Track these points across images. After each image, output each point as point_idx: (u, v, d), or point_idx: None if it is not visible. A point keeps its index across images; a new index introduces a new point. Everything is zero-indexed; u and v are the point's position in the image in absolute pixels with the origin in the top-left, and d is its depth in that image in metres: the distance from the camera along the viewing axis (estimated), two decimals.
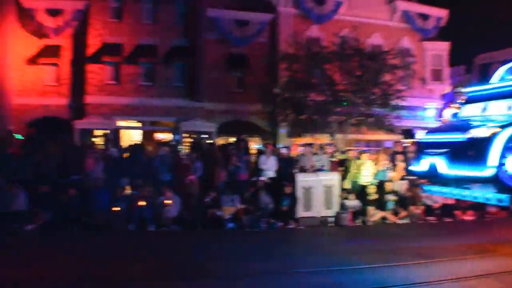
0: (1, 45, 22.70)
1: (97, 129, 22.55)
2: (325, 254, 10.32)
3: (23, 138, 19.43)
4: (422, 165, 10.33)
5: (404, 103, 22.54)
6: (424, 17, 28.43)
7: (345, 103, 22.01)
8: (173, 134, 23.40)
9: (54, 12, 23.54)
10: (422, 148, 10.63)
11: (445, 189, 10.25)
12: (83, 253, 10.63)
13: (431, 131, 11.52)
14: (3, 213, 13.41)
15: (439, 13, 28.62)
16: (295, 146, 21.26)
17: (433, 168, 9.87)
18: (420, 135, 12.31)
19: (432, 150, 10.07)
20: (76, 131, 21.95)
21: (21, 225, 13.02)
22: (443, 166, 9.59)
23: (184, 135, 22.94)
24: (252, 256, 10.10)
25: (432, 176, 10.20)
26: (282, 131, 24.47)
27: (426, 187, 11.17)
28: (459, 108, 11.63)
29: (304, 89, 22.35)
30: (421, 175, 10.93)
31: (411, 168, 11.43)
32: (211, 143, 19.02)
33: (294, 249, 11.36)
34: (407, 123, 25.42)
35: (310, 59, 22.42)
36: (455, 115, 11.60)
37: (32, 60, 23.52)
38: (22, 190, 13.72)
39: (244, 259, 9.74)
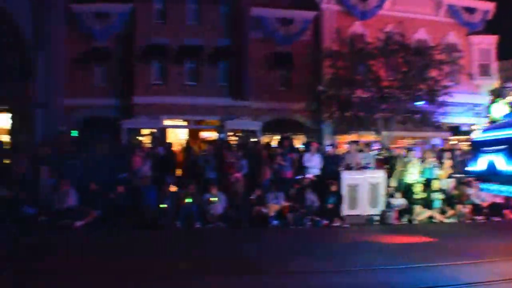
0: (51, 48, 23.31)
1: (144, 128, 22.94)
2: (372, 252, 10.22)
3: (77, 135, 20.01)
4: (480, 164, 10.05)
5: (451, 99, 22.05)
6: (470, 10, 27.72)
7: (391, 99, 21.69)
8: (218, 133, 23.56)
9: (101, 16, 24.07)
10: (479, 147, 10.31)
11: (504, 187, 9.93)
12: (131, 249, 10.89)
13: (488, 129, 11.22)
14: (55, 210, 13.89)
15: (486, 6, 27.84)
16: (340, 144, 21.09)
17: (491, 166, 9.57)
18: (476, 134, 12.00)
19: (489, 148, 9.77)
20: (124, 130, 22.38)
21: (72, 221, 13.41)
22: (502, 163, 9.31)
23: (229, 133, 23.07)
24: (299, 253, 10.04)
25: (491, 174, 9.88)
26: (327, 128, 24.32)
27: (483, 186, 10.84)
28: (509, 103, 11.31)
29: (349, 86, 22.16)
30: (479, 174, 10.60)
31: (468, 168, 11.16)
32: (256, 141, 19.09)
33: (341, 247, 11.21)
34: (454, 120, 24.89)
35: (355, 55, 22.20)
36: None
37: (82, 61, 24.07)
38: (73, 188, 14.15)
39: (291, 256, 9.70)
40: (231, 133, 23.10)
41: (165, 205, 13.67)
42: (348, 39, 23.29)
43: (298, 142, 20.45)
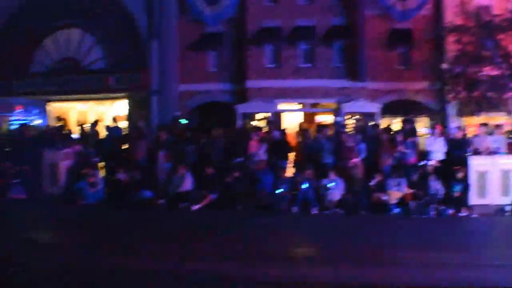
0: (165, 36, 24.25)
1: (258, 112, 23.27)
2: (504, 246, 9.66)
3: (188, 122, 20.76)
4: None
5: None
6: None
7: None
8: (335, 116, 23.34)
9: (212, 1, 24.56)
10: None
11: None
12: (247, 233, 11.10)
13: None
14: (172, 194, 14.51)
15: None
16: (467, 127, 20.09)
17: None
18: None
19: None
20: (238, 115, 22.85)
21: (188, 205, 13.94)
22: None
23: (346, 116, 22.79)
24: (423, 244, 9.73)
25: None
26: (452, 110, 23.27)
27: None
28: None
29: (476, 63, 20.99)
30: None
31: None
32: (374, 124, 18.68)
33: (469, 239, 10.70)
34: None
35: (481, 29, 20.98)
36: None
37: (195, 48, 24.82)
38: (189, 173, 14.68)
39: (415, 247, 9.42)
40: (348, 116, 22.81)
41: (281, 190, 13.77)
42: (473, 12, 22.02)
43: (421, 125, 19.77)
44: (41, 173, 16.93)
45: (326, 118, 24.11)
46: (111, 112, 27.54)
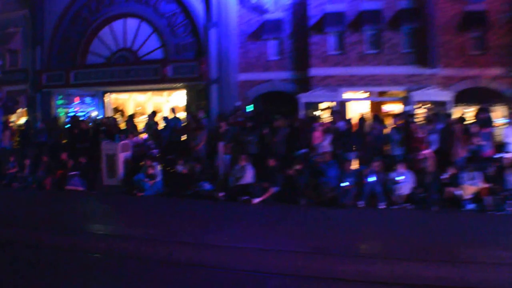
0: (223, 24, 24.52)
1: (322, 101, 23.22)
2: None
3: (248, 112, 20.96)
4: None
5: None
6: None
7: None
8: (404, 105, 22.99)
9: None
10: None
11: None
12: (311, 227, 11.19)
13: None
14: (232, 186, 14.74)
15: None
16: None
17: None
18: None
19: None
20: (301, 104, 22.87)
21: (249, 198, 14.12)
22: None
23: (415, 105, 22.41)
24: (500, 242, 9.57)
25: None
26: None
27: None
28: None
29: None
30: None
31: None
32: (447, 113, 18.32)
33: None
34: None
35: None
36: None
37: (254, 36, 25.01)
38: (250, 164, 14.87)
39: (490, 245, 9.29)
40: (418, 105, 22.43)
41: (347, 184, 13.75)
42: None
43: (497, 115, 19.25)
44: (99, 165, 17.55)
45: (394, 108, 23.80)
46: (169, 102, 28.14)
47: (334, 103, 22.74)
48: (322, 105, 22.95)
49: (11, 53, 29.88)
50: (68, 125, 22.44)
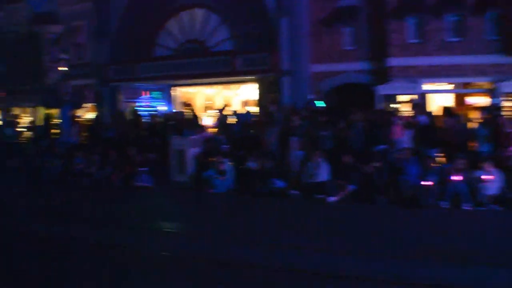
0: (295, 13, 24.51)
1: (401, 94, 22.84)
2: None
3: (323, 105, 20.91)
4: None
5: None
6: None
7: None
8: (490, 97, 22.39)
9: None
10: None
11: None
12: (390, 228, 11.09)
13: None
14: (306, 184, 14.76)
15: None
16: None
17: None
18: None
19: None
20: (378, 97, 22.60)
21: (324, 196, 14.10)
22: None
23: (503, 98, 21.77)
24: None
25: None
26: None
27: None
28: None
29: None
30: None
31: None
32: None
33: None
34: None
35: None
36: None
37: (328, 24, 24.83)
38: (325, 161, 14.84)
39: None
40: (506, 98, 21.78)
41: (429, 182, 13.53)
42: None
43: None
44: (168, 160, 17.92)
45: (480, 100, 23.20)
46: (239, 96, 28.44)
47: (415, 96, 22.35)
48: (401, 98, 22.60)
49: (77, 47, 30.91)
50: (133, 120, 22.98)
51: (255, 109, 23.50)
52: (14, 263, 9.85)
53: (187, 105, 26.90)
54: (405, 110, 19.38)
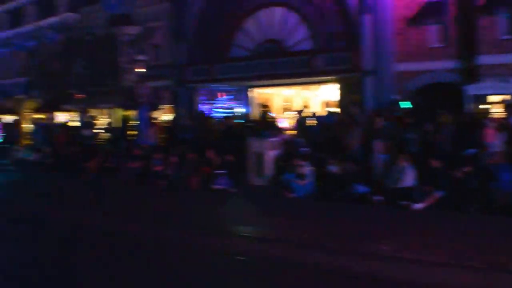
0: (378, 10, 24.27)
1: (492, 94, 22.18)
2: None
3: (411, 106, 20.61)
4: None
5: None
6: None
7: None
8: None
9: None
10: None
11: None
12: (483, 238, 10.78)
13: None
14: (391, 189, 14.55)
15: None
16: None
17: None
18: None
19: None
20: (467, 97, 22.04)
21: (409, 203, 13.84)
22: None
23: None
24: None
25: None
26: None
27: None
28: None
29: None
30: None
31: None
32: None
33: None
34: None
35: None
36: None
37: (414, 21, 24.43)
38: (411, 165, 14.59)
39: None
40: None
41: None
42: None
43: None
44: (246, 163, 18.08)
45: None
46: (319, 97, 28.40)
47: (508, 96, 21.68)
48: (491, 98, 21.97)
49: (154, 48, 31.69)
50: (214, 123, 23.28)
51: (336, 110, 23.40)
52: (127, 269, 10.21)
53: (264, 106, 27.10)
54: (496, 111, 18.85)
